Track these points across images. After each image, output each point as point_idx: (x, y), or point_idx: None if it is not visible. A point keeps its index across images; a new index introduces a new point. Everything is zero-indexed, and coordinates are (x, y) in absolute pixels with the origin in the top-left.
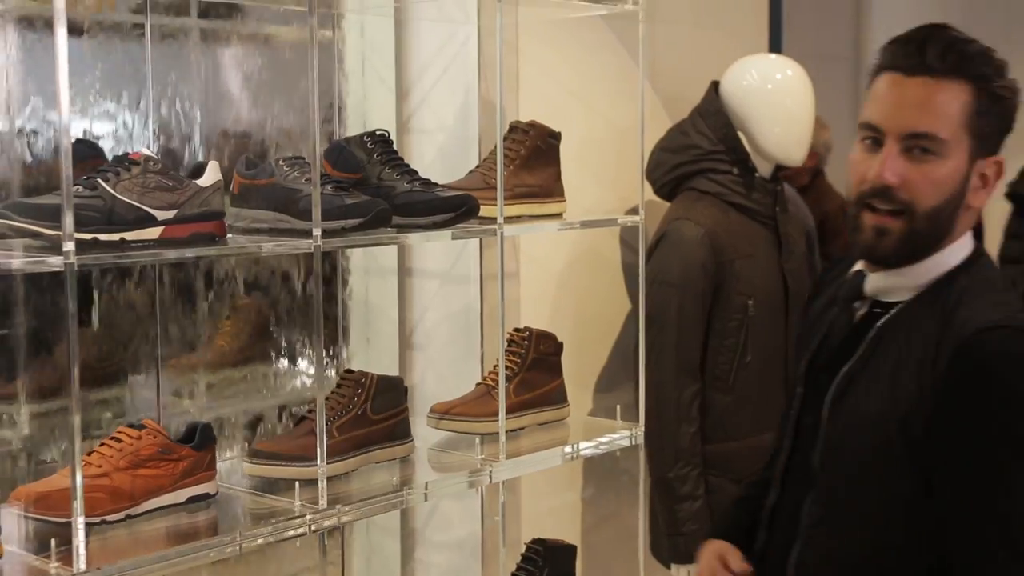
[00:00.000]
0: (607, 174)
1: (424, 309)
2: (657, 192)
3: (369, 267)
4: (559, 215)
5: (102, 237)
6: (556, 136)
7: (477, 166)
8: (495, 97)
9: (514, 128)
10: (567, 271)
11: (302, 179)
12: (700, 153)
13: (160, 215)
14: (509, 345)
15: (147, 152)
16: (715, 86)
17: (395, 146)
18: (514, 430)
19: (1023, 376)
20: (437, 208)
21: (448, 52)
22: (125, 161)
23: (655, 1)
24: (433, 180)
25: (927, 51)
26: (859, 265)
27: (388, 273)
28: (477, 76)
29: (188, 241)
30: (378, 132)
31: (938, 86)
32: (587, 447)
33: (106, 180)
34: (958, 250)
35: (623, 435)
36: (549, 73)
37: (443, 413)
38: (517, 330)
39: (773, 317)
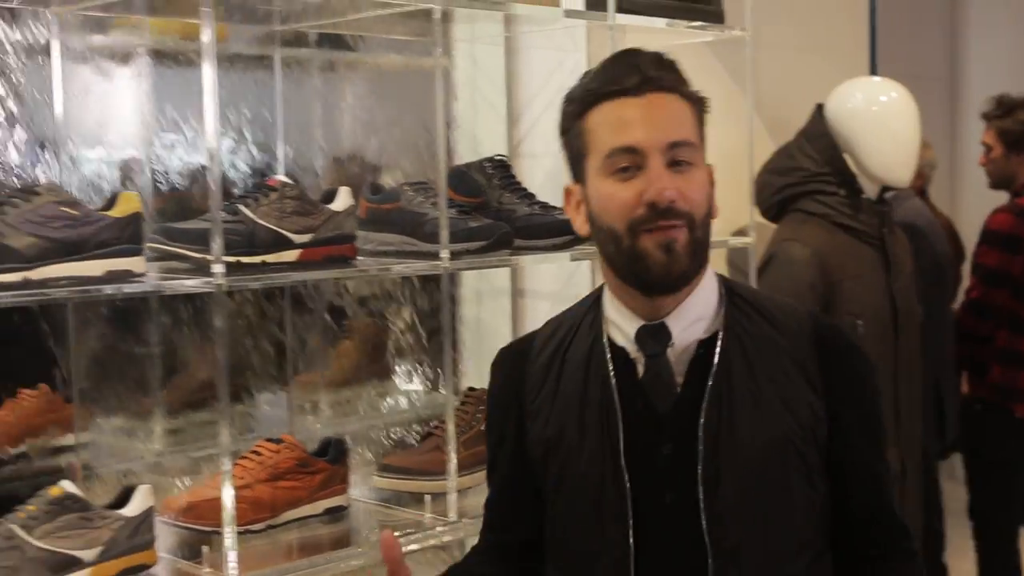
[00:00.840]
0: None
1: (534, 327)
2: (764, 214)
3: (482, 288)
4: None
5: (244, 260)
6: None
7: None
8: None
9: None
10: None
11: (427, 203)
12: (807, 175)
13: (297, 238)
14: None
15: (283, 179)
16: (820, 109)
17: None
18: None
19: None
20: (556, 230)
21: (557, 79)
22: (263, 187)
23: (759, 26)
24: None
25: (644, 69)
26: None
27: (501, 294)
28: None
29: (323, 263)
30: (497, 157)
31: (670, 98)
32: None
33: (246, 205)
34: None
35: None
36: None
37: None
38: None
39: (882, 336)
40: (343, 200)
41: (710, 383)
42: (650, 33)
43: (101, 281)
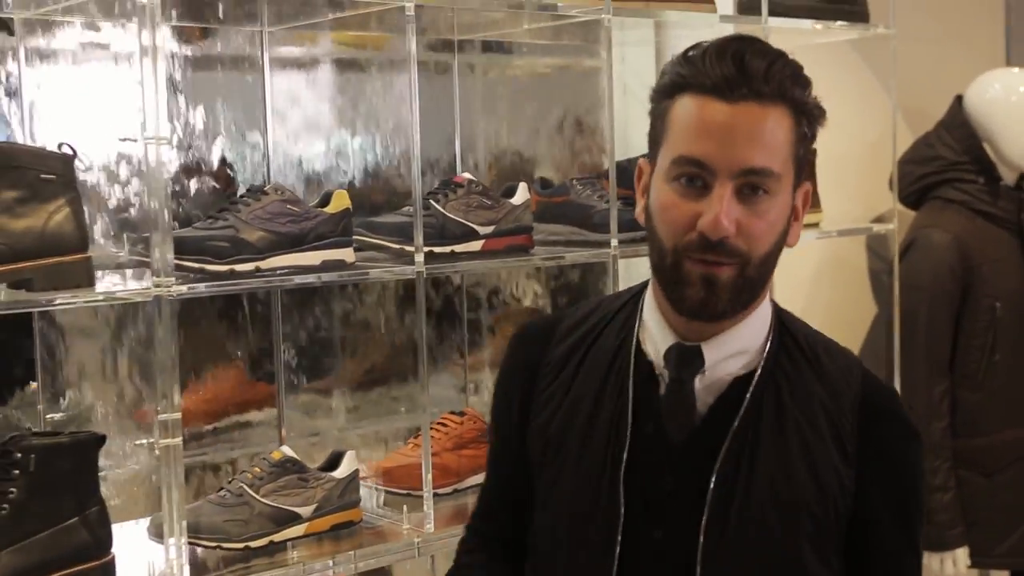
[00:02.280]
0: (853, 186)
1: None
2: (903, 202)
3: (631, 277)
4: (816, 225)
5: (436, 250)
6: (812, 152)
7: None
8: None
9: None
10: (815, 277)
11: (594, 196)
12: (946, 164)
13: (481, 230)
14: None
15: (468, 176)
16: (959, 100)
17: None
18: None
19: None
20: None
21: None
22: (451, 184)
23: (899, 20)
24: None
25: (750, 71)
26: (654, 329)
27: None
28: None
29: (504, 252)
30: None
31: (765, 112)
32: None
33: (437, 201)
34: (766, 294)
35: None
36: None
37: None
38: None
39: (1020, 317)
40: (521, 195)
41: (735, 426)
42: (797, 33)
43: (318, 270)
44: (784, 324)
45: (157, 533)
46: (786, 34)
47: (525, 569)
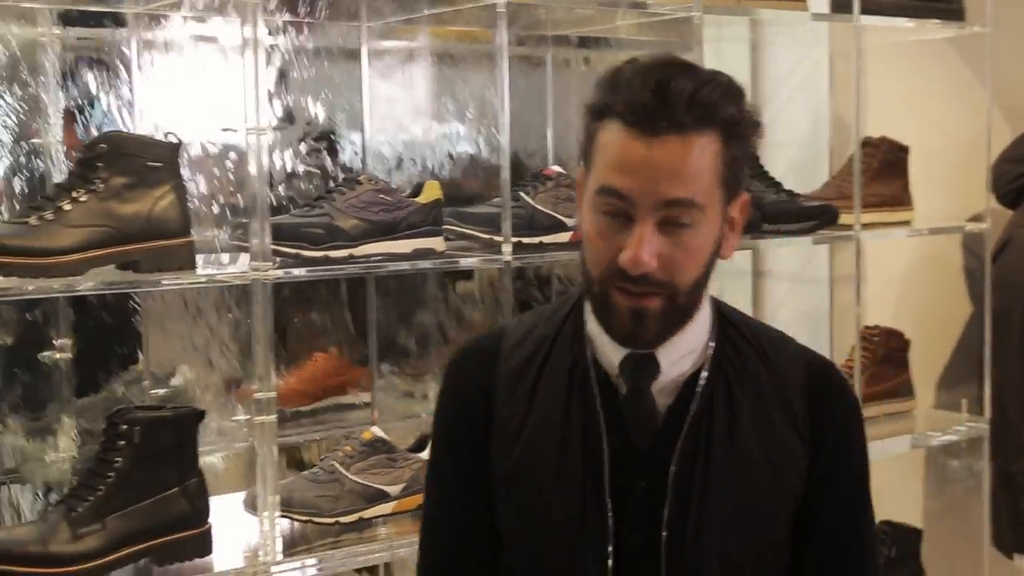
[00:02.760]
0: (948, 184)
1: (775, 308)
2: (1000, 200)
3: (721, 269)
4: (907, 222)
5: (525, 240)
6: (904, 149)
7: (832, 177)
8: (846, 114)
9: (866, 143)
10: (908, 274)
11: None
12: None
13: (569, 222)
14: (862, 342)
15: (558, 168)
16: None
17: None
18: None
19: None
20: (803, 216)
21: (800, 73)
22: (540, 176)
23: (995, 16)
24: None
25: (671, 102)
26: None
27: (742, 275)
28: (828, 94)
29: None
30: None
31: (688, 144)
32: (934, 437)
33: (526, 193)
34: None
35: (969, 427)
36: (893, 90)
37: None
38: (868, 327)
39: None
40: None
41: (687, 423)
42: (893, 31)
43: (410, 257)
44: (725, 317)
45: (252, 506)
46: (879, 32)
47: None
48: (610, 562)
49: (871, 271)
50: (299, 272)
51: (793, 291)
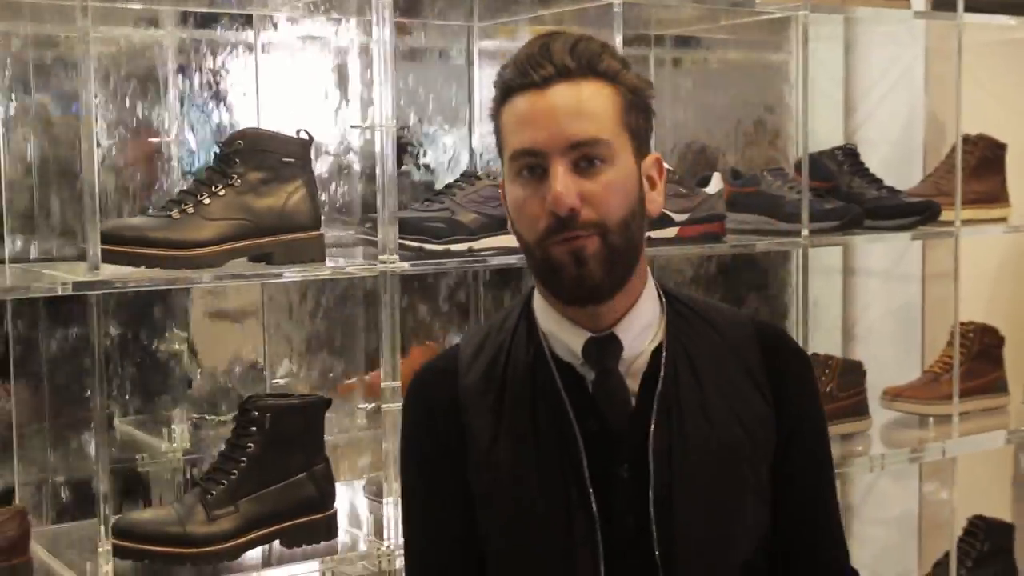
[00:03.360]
0: None
1: (866, 305)
2: None
3: (813, 266)
4: (1004, 219)
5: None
6: (1002, 147)
7: (929, 174)
8: (940, 111)
9: (965, 140)
10: (999, 271)
11: (784, 187)
12: None
13: (677, 217)
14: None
15: (666, 165)
16: None
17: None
18: (959, 414)
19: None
20: (905, 212)
21: (894, 71)
22: None
23: None
24: None
25: (554, 57)
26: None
27: (832, 272)
28: (923, 92)
29: (698, 239)
30: (847, 146)
31: (578, 87)
32: None
33: None
34: (645, 267)
35: None
36: (986, 88)
37: (895, 395)
38: (963, 323)
39: None
40: (715, 184)
41: (657, 398)
42: (990, 30)
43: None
44: (669, 293)
45: (373, 492)
46: (981, 29)
47: None
48: (601, 548)
49: (963, 268)
50: (424, 265)
51: (884, 288)
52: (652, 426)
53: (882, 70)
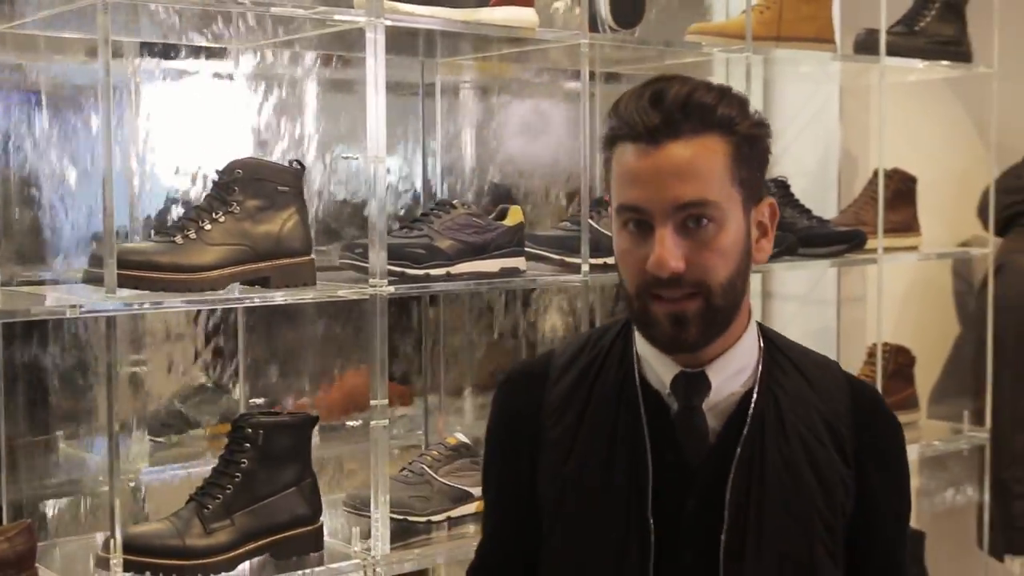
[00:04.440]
0: (939, 213)
1: (784, 327)
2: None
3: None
4: (915, 248)
5: (593, 261)
6: (914, 180)
7: (849, 206)
8: (853, 147)
9: (877, 173)
10: (908, 296)
11: None
12: None
13: None
14: (871, 358)
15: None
16: None
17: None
18: None
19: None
20: (834, 240)
21: (811, 107)
22: (604, 202)
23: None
24: None
25: (666, 111)
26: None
27: (752, 296)
28: (838, 128)
29: None
30: (779, 178)
31: (691, 145)
32: (939, 446)
33: (592, 218)
34: (749, 311)
35: (970, 437)
36: (897, 126)
37: None
38: (875, 344)
39: None
40: None
41: (742, 442)
42: (909, 72)
43: (497, 276)
44: (770, 339)
45: (353, 505)
46: (898, 71)
47: None
48: None
49: (871, 293)
50: (408, 288)
51: (801, 312)
52: (733, 468)
53: (799, 105)
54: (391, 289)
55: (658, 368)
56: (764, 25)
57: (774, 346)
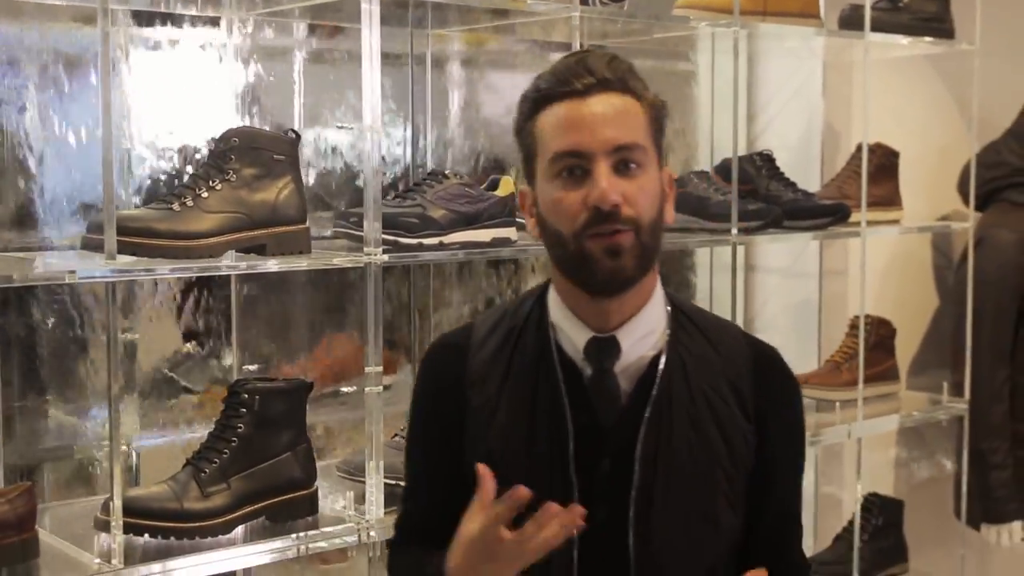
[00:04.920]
0: (919, 187)
1: (765, 300)
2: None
3: (713, 263)
4: (897, 221)
5: None
6: (896, 155)
7: (832, 179)
8: (836, 121)
9: (861, 148)
10: (888, 269)
11: (710, 189)
12: (1012, 169)
13: None
14: (854, 329)
15: None
16: None
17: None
18: (856, 400)
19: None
20: (819, 213)
21: (794, 83)
22: None
23: (972, 34)
24: None
25: (594, 69)
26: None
27: (727, 269)
28: (821, 103)
29: None
30: (764, 152)
31: (620, 99)
32: (919, 416)
33: None
34: (656, 277)
35: (948, 407)
36: (879, 101)
37: (803, 382)
38: (858, 316)
39: None
40: None
41: (650, 403)
42: (886, 47)
43: (489, 245)
44: (675, 304)
45: (347, 471)
46: (882, 47)
47: None
48: (576, 536)
49: (852, 266)
50: (401, 257)
51: (783, 284)
52: (642, 428)
53: (783, 80)
54: (385, 258)
55: (572, 334)
56: (751, 0)
57: (680, 311)
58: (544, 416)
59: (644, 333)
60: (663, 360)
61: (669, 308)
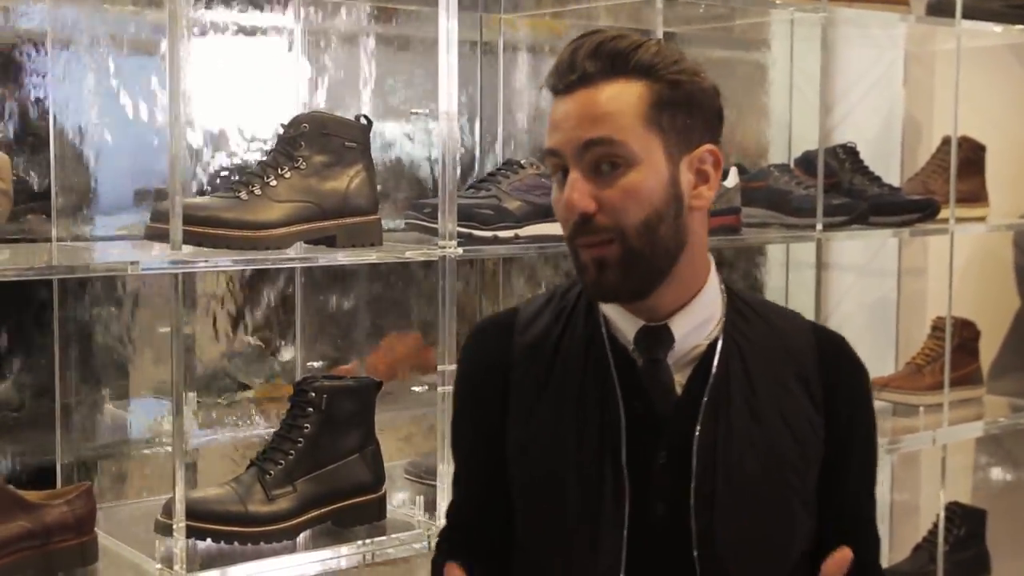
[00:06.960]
0: (1005, 182)
1: (840, 300)
2: None
3: (784, 260)
4: (984, 218)
5: None
6: (982, 148)
7: (916, 174)
8: (918, 113)
9: (947, 141)
10: (968, 268)
11: (792, 182)
12: None
13: None
14: (936, 331)
15: None
16: None
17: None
18: (940, 404)
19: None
20: (907, 208)
21: (873, 73)
22: None
23: None
24: None
25: (576, 63)
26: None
27: (805, 267)
28: (902, 94)
29: (717, 231)
30: (848, 144)
31: (598, 91)
32: (1006, 422)
33: None
34: (708, 262)
35: None
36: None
37: (883, 386)
38: (941, 317)
39: None
40: (733, 178)
41: (707, 392)
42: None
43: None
44: (733, 291)
45: (416, 474)
46: (972, 35)
47: (513, 569)
48: (625, 532)
49: (934, 265)
50: (479, 250)
51: (859, 283)
52: (700, 419)
53: (862, 71)
54: (459, 251)
55: (621, 323)
56: None
57: (737, 297)
58: (594, 404)
59: (699, 322)
60: (719, 347)
61: (725, 295)
